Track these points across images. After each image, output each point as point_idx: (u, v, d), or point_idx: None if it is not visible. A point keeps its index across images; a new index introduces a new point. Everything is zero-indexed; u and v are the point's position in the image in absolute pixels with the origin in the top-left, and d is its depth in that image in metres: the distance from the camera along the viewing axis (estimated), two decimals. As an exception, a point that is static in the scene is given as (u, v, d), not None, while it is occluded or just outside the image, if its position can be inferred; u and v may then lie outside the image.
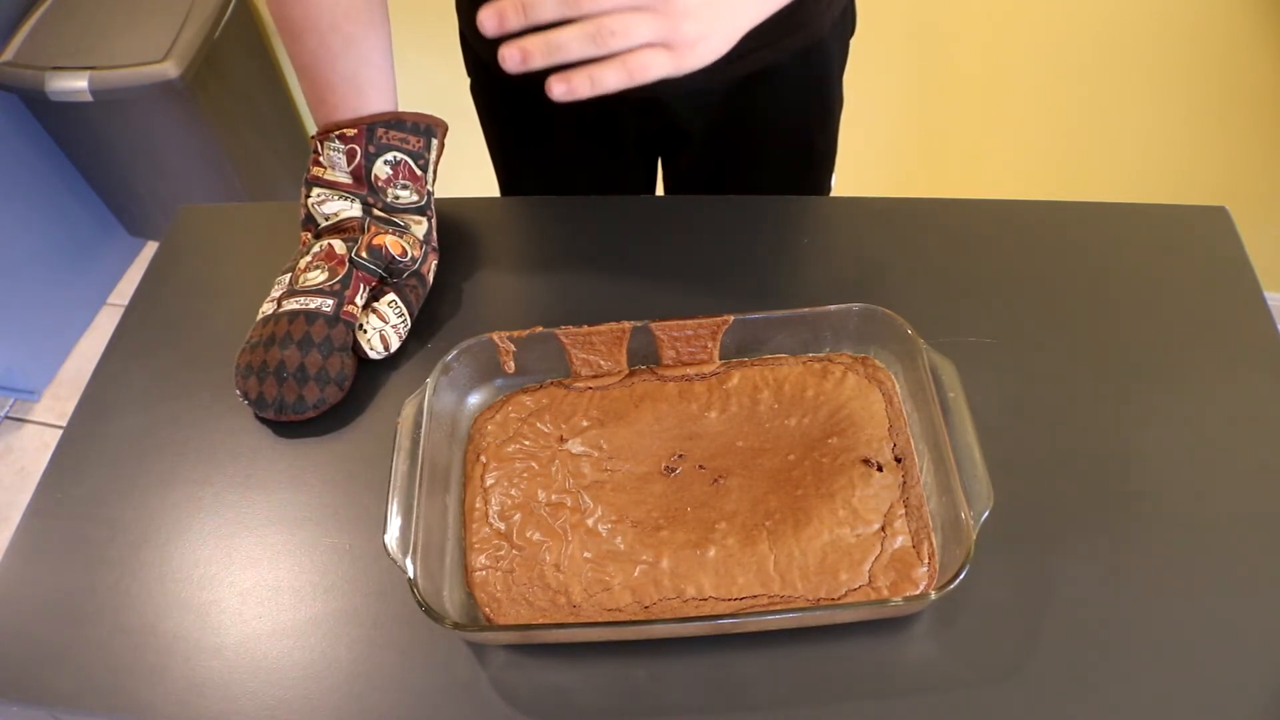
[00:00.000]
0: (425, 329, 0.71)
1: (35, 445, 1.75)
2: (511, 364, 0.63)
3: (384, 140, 0.68)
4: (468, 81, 0.92)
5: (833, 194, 0.98)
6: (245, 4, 1.69)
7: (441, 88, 1.10)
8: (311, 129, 0.71)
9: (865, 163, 1.62)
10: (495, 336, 0.62)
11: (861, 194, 0.78)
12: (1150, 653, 0.52)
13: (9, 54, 1.56)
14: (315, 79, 0.68)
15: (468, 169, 1.19)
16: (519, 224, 0.82)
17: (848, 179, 1.02)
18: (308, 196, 0.70)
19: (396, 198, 0.69)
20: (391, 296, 0.69)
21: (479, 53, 0.87)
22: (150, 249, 2.00)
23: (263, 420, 0.66)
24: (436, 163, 0.72)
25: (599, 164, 0.92)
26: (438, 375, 0.60)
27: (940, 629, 0.53)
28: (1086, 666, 0.51)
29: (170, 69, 1.51)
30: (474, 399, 0.64)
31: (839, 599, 0.53)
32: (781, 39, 0.80)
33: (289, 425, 0.66)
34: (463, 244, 0.76)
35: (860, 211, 0.77)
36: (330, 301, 0.66)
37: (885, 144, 1.62)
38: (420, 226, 0.70)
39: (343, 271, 0.67)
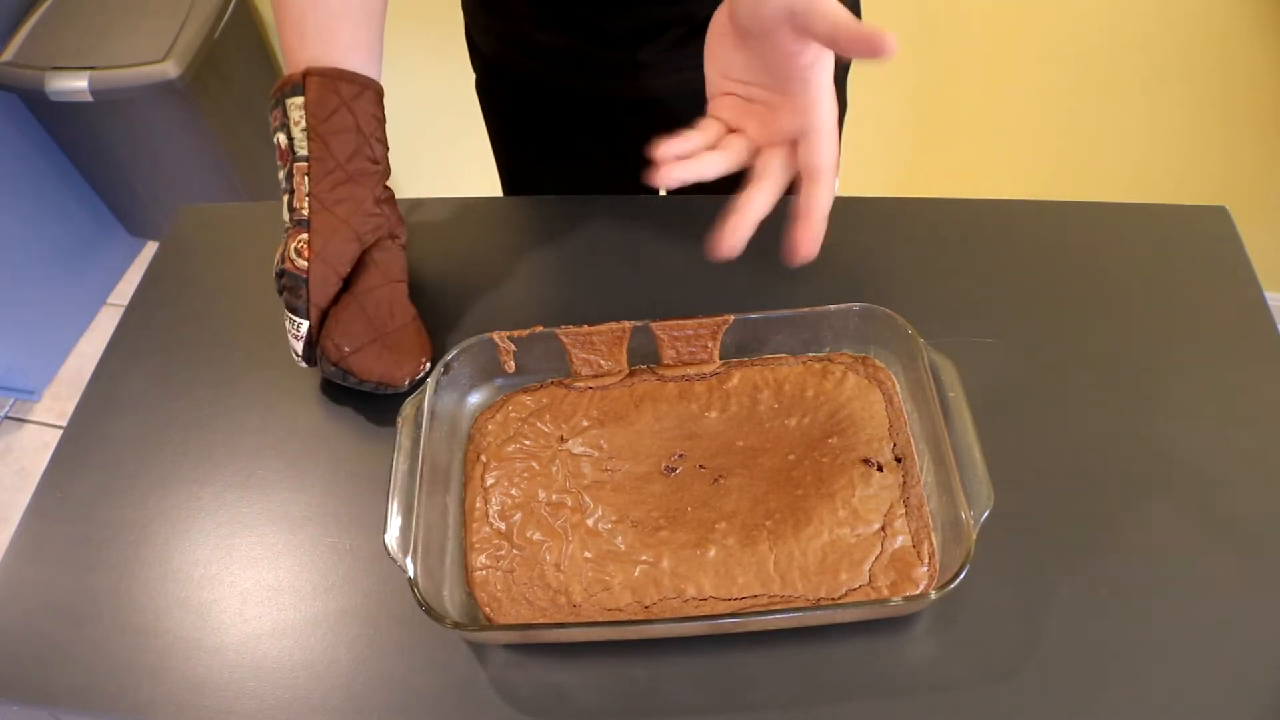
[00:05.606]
0: (426, 329, 0.70)
1: (35, 445, 1.75)
2: (511, 364, 0.63)
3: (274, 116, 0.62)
4: (473, 79, 0.91)
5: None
6: (245, 4, 1.69)
7: (444, 87, 1.10)
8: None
9: (865, 163, 1.62)
10: (495, 336, 0.62)
11: (861, 194, 0.78)
12: (1150, 653, 0.52)
13: (9, 54, 1.56)
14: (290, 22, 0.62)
15: (469, 169, 1.19)
16: (519, 224, 0.82)
17: (848, 179, 1.02)
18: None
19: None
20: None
21: (485, 50, 0.86)
22: (150, 249, 2.00)
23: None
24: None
25: (601, 162, 0.92)
26: (438, 375, 0.60)
27: (940, 629, 0.53)
28: (1086, 667, 0.51)
29: (170, 69, 1.51)
30: (474, 399, 0.64)
31: (839, 599, 0.53)
32: None
33: (289, 424, 0.66)
34: (463, 244, 0.76)
35: (860, 211, 0.77)
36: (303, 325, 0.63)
37: (885, 144, 1.62)
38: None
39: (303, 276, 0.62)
